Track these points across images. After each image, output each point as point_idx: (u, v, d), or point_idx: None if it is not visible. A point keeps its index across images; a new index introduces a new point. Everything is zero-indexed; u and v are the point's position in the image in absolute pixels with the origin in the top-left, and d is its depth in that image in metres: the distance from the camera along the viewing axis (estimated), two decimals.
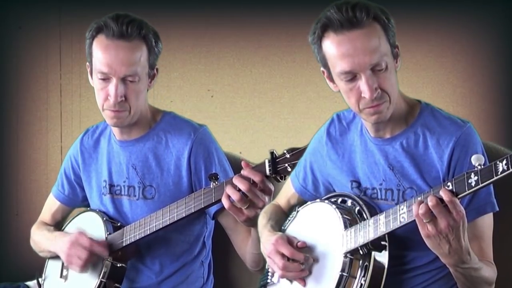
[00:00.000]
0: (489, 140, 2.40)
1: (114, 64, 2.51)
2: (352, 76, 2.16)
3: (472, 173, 1.97)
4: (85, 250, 2.60)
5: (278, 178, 2.35)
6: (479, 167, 1.96)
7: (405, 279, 2.28)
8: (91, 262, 2.62)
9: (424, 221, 2.02)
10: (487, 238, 2.22)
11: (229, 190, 2.35)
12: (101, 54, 2.53)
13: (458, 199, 2.01)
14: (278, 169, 2.33)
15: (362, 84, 2.15)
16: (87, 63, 2.63)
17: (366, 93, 2.15)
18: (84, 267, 2.62)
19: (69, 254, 2.63)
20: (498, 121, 3.83)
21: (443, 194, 2.00)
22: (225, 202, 2.36)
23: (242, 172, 2.36)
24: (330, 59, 2.19)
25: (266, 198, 2.36)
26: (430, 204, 2.00)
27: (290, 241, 2.29)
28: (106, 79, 2.53)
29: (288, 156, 2.31)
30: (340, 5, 2.16)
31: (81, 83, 4.23)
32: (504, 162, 1.89)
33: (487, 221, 2.22)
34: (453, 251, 2.04)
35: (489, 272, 2.18)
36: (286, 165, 2.32)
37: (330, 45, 2.17)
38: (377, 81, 2.15)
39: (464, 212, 2.02)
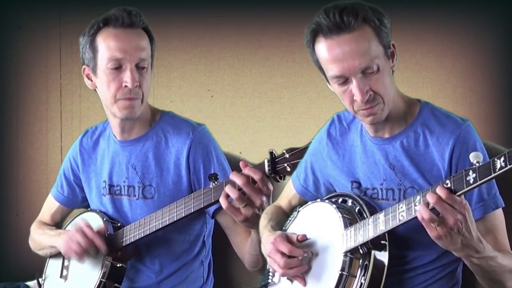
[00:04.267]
0: (489, 140, 2.39)
1: (128, 48, 2.53)
2: (344, 80, 2.18)
3: (470, 171, 1.97)
4: (87, 239, 2.59)
5: (278, 178, 2.35)
6: (477, 164, 1.96)
7: (406, 279, 2.28)
8: (89, 255, 2.61)
9: (432, 225, 2.01)
10: (501, 231, 2.22)
11: (228, 188, 2.34)
12: (113, 42, 2.54)
13: (458, 196, 2.00)
14: (277, 169, 2.33)
15: (354, 87, 2.17)
16: (84, 66, 2.62)
17: (357, 97, 2.17)
18: (82, 255, 2.60)
19: (70, 239, 2.61)
20: (498, 121, 3.83)
21: (440, 192, 2.00)
22: (223, 202, 2.36)
23: (243, 171, 2.36)
24: (322, 63, 2.21)
25: (265, 198, 2.36)
26: (431, 201, 1.99)
27: (289, 238, 2.28)
28: (118, 67, 2.53)
29: (287, 156, 2.31)
30: (328, 9, 2.16)
31: (81, 83, 4.18)
32: (502, 159, 1.89)
33: (498, 215, 2.21)
34: (466, 243, 2.03)
35: (508, 260, 2.16)
36: (285, 165, 2.32)
37: (321, 50, 2.19)
38: (368, 84, 2.17)
39: (466, 202, 2.02)
